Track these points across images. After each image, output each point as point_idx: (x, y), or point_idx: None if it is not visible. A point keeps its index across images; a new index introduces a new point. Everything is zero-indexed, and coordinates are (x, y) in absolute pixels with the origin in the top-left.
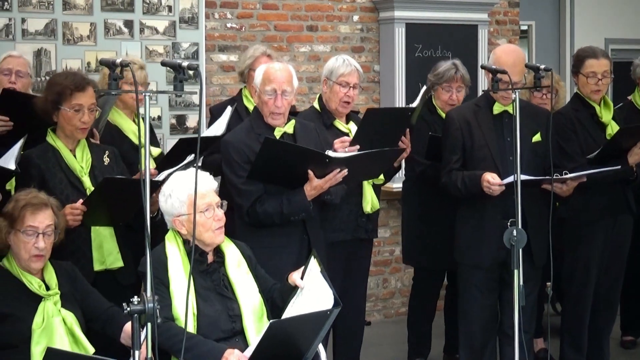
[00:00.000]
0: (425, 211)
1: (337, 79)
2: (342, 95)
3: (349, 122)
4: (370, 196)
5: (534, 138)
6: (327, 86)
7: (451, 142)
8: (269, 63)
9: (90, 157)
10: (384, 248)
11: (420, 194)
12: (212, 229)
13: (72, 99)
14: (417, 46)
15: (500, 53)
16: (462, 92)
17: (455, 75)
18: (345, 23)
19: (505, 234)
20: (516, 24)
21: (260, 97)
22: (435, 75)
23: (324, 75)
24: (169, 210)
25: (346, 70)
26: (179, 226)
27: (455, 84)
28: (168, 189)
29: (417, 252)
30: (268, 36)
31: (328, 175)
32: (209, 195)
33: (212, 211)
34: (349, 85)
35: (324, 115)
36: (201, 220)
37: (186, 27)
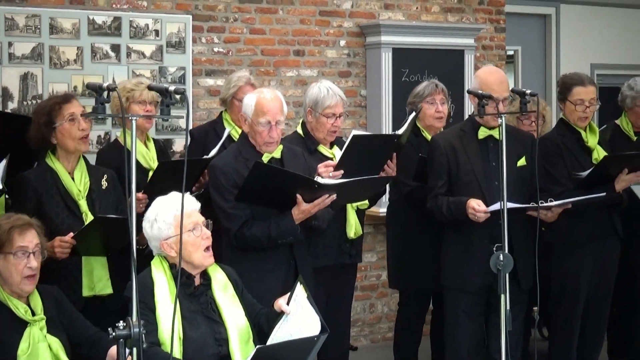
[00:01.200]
0: (410, 233)
1: (324, 111)
2: (330, 126)
3: (333, 146)
4: (354, 221)
5: (519, 162)
6: (312, 116)
7: (436, 167)
8: (259, 92)
9: (88, 181)
10: (371, 273)
11: (405, 216)
12: (201, 248)
13: (63, 110)
14: (403, 71)
15: (484, 75)
16: (446, 105)
17: (436, 88)
18: (332, 48)
19: (492, 259)
20: (502, 49)
21: (253, 127)
22: (416, 95)
23: (308, 105)
24: (156, 235)
25: (332, 101)
26: (168, 249)
27: (438, 96)
28: (152, 214)
29: (402, 275)
30: (255, 61)
31: (316, 200)
32: (195, 215)
33: (200, 230)
34: (335, 115)
35: (308, 141)
36: (190, 240)
37: (173, 51)
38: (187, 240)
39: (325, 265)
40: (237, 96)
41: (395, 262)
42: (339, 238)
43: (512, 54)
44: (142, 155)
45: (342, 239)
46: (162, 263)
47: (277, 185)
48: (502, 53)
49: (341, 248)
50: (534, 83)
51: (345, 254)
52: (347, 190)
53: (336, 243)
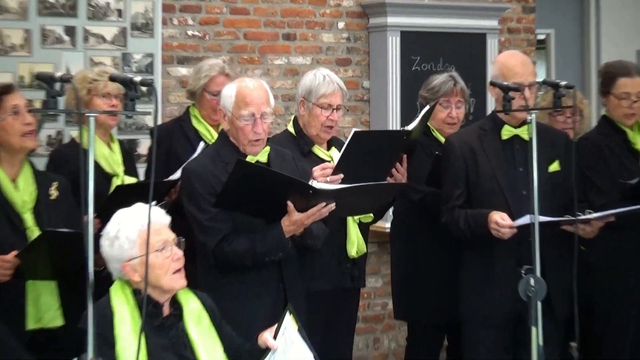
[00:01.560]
0: (420, 252)
1: (318, 101)
2: (324, 119)
3: (331, 148)
4: (356, 237)
5: (550, 167)
6: (304, 108)
7: (452, 174)
8: (241, 81)
9: (35, 190)
10: (375, 301)
11: (414, 231)
12: (170, 271)
13: (4, 102)
14: (414, 59)
15: (504, 58)
16: (462, 109)
17: (454, 88)
18: (329, 31)
19: (521, 284)
20: (532, 33)
21: (234, 123)
22: (430, 90)
23: (301, 94)
24: (117, 255)
25: (328, 89)
26: (131, 272)
27: (454, 99)
28: (113, 229)
29: (410, 304)
30: (236, 46)
31: (311, 210)
32: (164, 232)
33: (170, 250)
34: (332, 107)
35: (301, 141)
36: (157, 262)
37: (139, 35)
38: (155, 261)
39: (322, 289)
40: (209, 88)
41: (401, 288)
42: (338, 257)
43: (543, 38)
44: (105, 158)
45: (343, 258)
46: (124, 289)
47: (263, 189)
48: (532, 37)
49: (341, 269)
50: (569, 73)
51: (346, 276)
52: (348, 198)
53: (335, 263)
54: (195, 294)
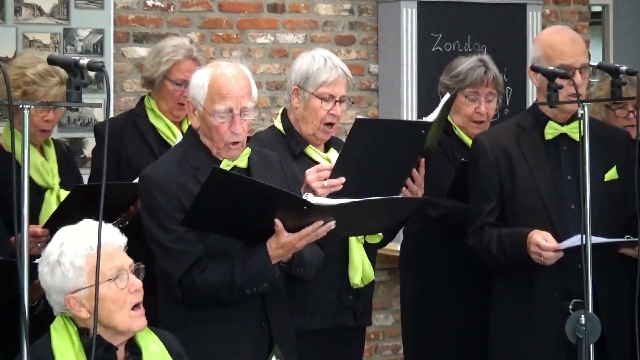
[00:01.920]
0: (437, 282)
1: (317, 90)
2: (324, 114)
3: (329, 149)
4: (361, 261)
5: (607, 175)
6: (299, 99)
7: (481, 185)
8: (216, 67)
9: None
10: (385, 343)
11: (429, 256)
12: (127, 306)
13: None
14: (434, 36)
15: (547, 35)
16: (493, 103)
17: (485, 76)
18: (327, 1)
19: (569, 323)
20: (585, 4)
21: (206, 119)
22: (454, 77)
23: (295, 81)
24: (59, 285)
25: (330, 76)
26: (76, 307)
27: (484, 90)
28: (54, 252)
29: (424, 348)
30: (209, 20)
31: (305, 229)
32: (119, 256)
33: (125, 279)
34: (334, 98)
35: (291, 140)
36: (110, 294)
37: (85, 5)
38: (107, 294)
39: (317, 328)
40: (171, 76)
41: (414, 327)
42: (338, 287)
43: (599, 10)
44: (36, 168)
45: (344, 289)
46: (68, 327)
47: (245, 204)
48: (585, 10)
49: (341, 302)
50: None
51: (347, 312)
52: (351, 215)
53: (334, 295)
54: (158, 335)
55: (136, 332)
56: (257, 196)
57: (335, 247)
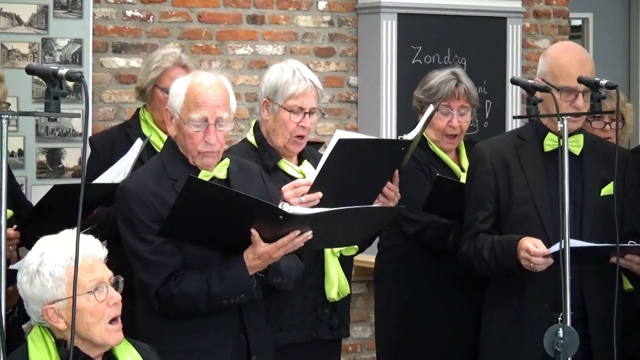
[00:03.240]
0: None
1: (285, 102)
2: (294, 126)
3: (302, 162)
4: (337, 274)
5: (604, 190)
6: (268, 111)
7: (478, 192)
8: (194, 76)
9: None
10: (363, 355)
11: (407, 271)
12: (105, 319)
13: None
14: (414, 49)
15: (558, 53)
16: (467, 116)
17: (457, 89)
18: (306, 12)
19: (547, 335)
20: (565, 17)
21: (181, 128)
22: (426, 90)
23: (263, 94)
24: (37, 295)
25: (299, 87)
26: (54, 318)
27: (456, 103)
28: (34, 261)
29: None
30: (189, 31)
31: (282, 239)
32: (99, 268)
33: (105, 292)
34: (303, 110)
35: (264, 154)
36: (89, 307)
37: (64, 15)
38: (85, 306)
39: (293, 342)
40: (161, 84)
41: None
42: (314, 301)
43: (579, 24)
44: None
45: (319, 302)
46: (45, 338)
47: (222, 214)
48: (565, 23)
49: (318, 316)
50: (611, 68)
51: (323, 325)
52: (329, 225)
53: (310, 308)
54: (136, 346)
55: (112, 346)
56: (233, 205)
57: (311, 261)
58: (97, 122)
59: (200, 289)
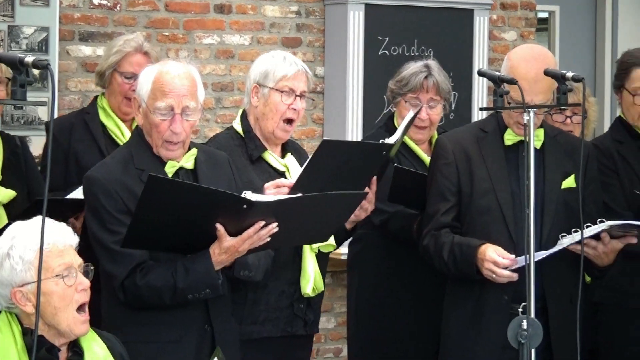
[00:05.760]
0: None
1: (277, 84)
2: (285, 108)
3: (286, 154)
4: (313, 270)
5: (565, 182)
6: (258, 96)
7: (440, 184)
8: (162, 64)
9: None
10: (327, 345)
11: (376, 261)
12: (73, 305)
13: None
14: (381, 40)
15: (518, 60)
16: (437, 109)
17: (425, 82)
18: (274, 2)
19: (511, 327)
20: (531, 10)
21: (148, 116)
22: (398, 81)
23: (254, 80)
24: (6, 277)
25: (290, 70)
26: (22, 301)
27: (425, 96)
28: (5, 245)
29: (369, 352)
30: (156, 20)
31: (248, 231)
32: (69, 254)
33: (74, 277)
34: (294, 92)
35: (250, 144)
36: (57, 291)
37: (31, 2)
38: (53, 290)
39: (268, 336)
40: (121, 68)
41: (359, 333)
42: (291, 295)
43: (545, 17)
44: None
45: (296, 297)
46: (12, 324)
47: (186, 211)
48: (532, 16)
49: (294, 310)
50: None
51: (298, 320)
52: (296, 214)
53: (286, 303)
54: (101, 336)
55: (77, 336)
56: (196, 200)
57: (289, 256)
58: (63, 111)
59: (166, 283)
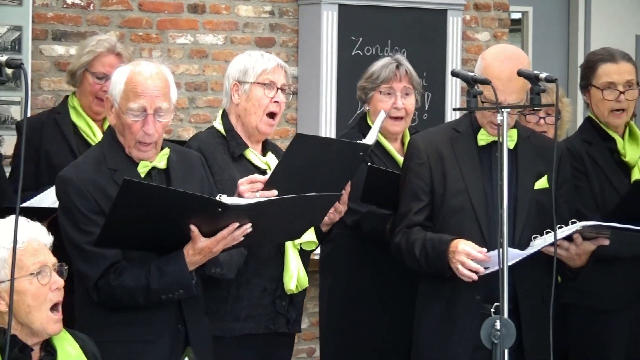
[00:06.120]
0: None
1: (259, 78)
2: (267, 102)
3: (267, 153)
4: (297, 268)
5: (538, 183)
6: (239, 93)
7: (413, 183)
8: (135, 65)
9: None
10: (300, 346)
11: (348, 261)
12: (47, 305)
13: None
14: (355, 40)
15: (491, 60)
16: (411, 98)
17: (398, 71)
18: (248, 2)
19: (484, 327)
20: (505, 10)
21: (120, 117)
22: (368, 77)
23: (233, 78)
24: None
25: (270, 64)
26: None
27: (398, 84)
28: None
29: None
30: (129, 19)
31: (222, 232)
32: (43, 252)
33: (48, 276)
34: (276, 85)
35: (232, 142)
36: (31, 290)
37: (4, 1)
38: (27, 289)
39: (250, 333)
40: (92, 68)
41: (332, 331)
42: (273, 292)
43: (518, 17)
44: None
45: (278, 295)
46: None
47: (160, 213)
48: (505, 16)
49: (276, 308)
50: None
51: (281, 318)
52: (269, 216)
53: (269, 300)
54: (74, 336)
55: (50, 335)
56: (171, 203)
57: (272, 253)
58: (36, 110)
59: (139, 283)
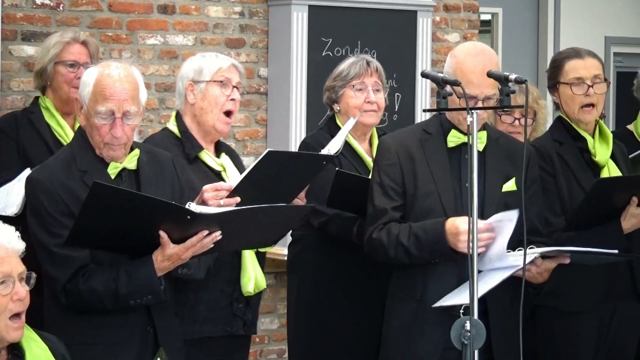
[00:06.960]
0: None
1: (214, 76)
2: (224, 100)
3: (220, 154)
4: (253, 270)
5: (505, 185)
6: (195, 93)
7: (385, 184)
8: (104, 67)
9: None
10: (270, 347)
11: (315, 262)
12: (6, 314)
13: None
14: (325, 41)
15: (464, 56)
16: (381, 94)
17: (368, 67)
18: (218, 3)
19: (454, 328)
20: (474, 12)
21: (89, 119)
22: (337, 76)
23: (187, 78)
24: None
25: (225, 63)
26: None
27: (370, 79)
28: None
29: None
30: (99, 20)
31: (191, 240)
32: (10, 262)
33: (10, 286)
34: (231, 83)
35: (187, 143)
36: None
37: None
38: None
39: (208, 335)
40: (62, 58)
41: (300, 333)
42: (230, 295)
43: (488, 19)
44: None
45: (235, 297)
46: None
47: (129, 217)
48: (475, 18)
49: (233, 310)
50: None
51: (238, 320)
52: (238, 225)
53: (226, 302)
54: (42, 337)
55: (10, 342)
56: (140, 208)
57: (228, 255)
58: (5, 111)
59: (108, 288)
